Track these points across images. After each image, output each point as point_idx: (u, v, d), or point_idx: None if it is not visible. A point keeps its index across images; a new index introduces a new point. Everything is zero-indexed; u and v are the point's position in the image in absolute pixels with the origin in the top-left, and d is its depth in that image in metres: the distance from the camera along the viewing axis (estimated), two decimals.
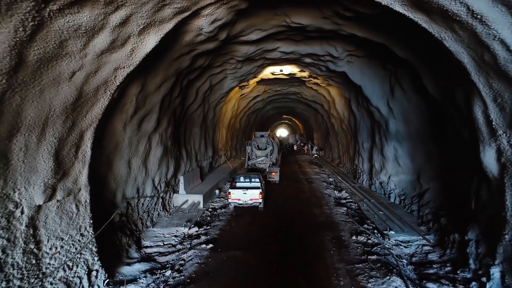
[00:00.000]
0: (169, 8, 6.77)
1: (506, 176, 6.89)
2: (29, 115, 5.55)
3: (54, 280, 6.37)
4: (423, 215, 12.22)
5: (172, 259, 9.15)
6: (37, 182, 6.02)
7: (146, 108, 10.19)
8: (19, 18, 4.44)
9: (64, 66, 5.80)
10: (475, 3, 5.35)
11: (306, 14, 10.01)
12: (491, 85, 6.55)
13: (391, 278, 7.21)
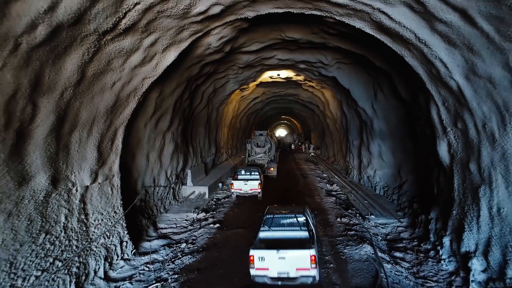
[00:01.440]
0: (187, 31, 8.56)
1: (454, 164, 8.68)
2: (83, 116, 7.32)
3: (97, 244, 8.13)
4: (401, 203, 14.02)
5: (185, 236, 10.92)
6: (86, 167, 7.79)
7: (162, 109, 11.97)
8: (86, 46, 6.22)
9: (108, 78, 7.58)
10: (419, 32, 7.15)
11: (298, 30, 11.80)
12: (440, 92, 8.34)
13: (363, 246, 9.00)
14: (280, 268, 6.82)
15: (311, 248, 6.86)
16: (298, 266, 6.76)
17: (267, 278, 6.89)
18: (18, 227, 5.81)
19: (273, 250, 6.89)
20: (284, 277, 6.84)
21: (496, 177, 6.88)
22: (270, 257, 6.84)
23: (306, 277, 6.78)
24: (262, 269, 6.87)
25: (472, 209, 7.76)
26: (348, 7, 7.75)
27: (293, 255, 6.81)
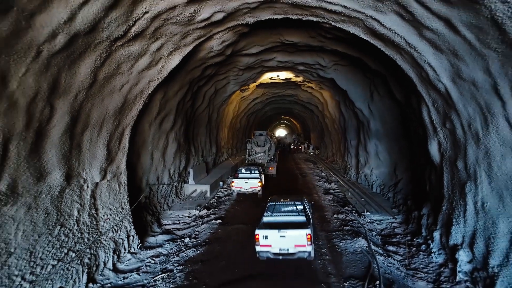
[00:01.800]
0: (191, 36, 9.04)
1: (444, 162, 9.16)
2: (94, 117, 7.81)
3: (106, 238, 8.61)
4: (396, 200, 14.51)
5: (188, 232, 11.40)
6: (96, 165, 8.27)
7: (166, 110, 12.45)
8: (98, 52, 6.71)
9: (117, 81, 8.06)
10: (409, 38, 7.63)
11: (296, 34, 12.29)
12: (430, 94, 8.83)
13: (357, 239, 9.48)
14: (281, 245, 7.95)
15: (307, 228, 7.99)
16: (296, 243, 7.87)
17: (270, 254, 8.04)
18: (36, 219, 6.29)
19: (275, 230, 8.00)
20: (284, 253, 7.95)
21: (480, 174, 7.36)
22: (272, 236, 7.96)
23: (303, 252, 7.91)
24: (265, 246, 8.03)
25: (459, 204, 8.25)
26: (343, 14, 8.24)
27: (292, 234, 7.91)
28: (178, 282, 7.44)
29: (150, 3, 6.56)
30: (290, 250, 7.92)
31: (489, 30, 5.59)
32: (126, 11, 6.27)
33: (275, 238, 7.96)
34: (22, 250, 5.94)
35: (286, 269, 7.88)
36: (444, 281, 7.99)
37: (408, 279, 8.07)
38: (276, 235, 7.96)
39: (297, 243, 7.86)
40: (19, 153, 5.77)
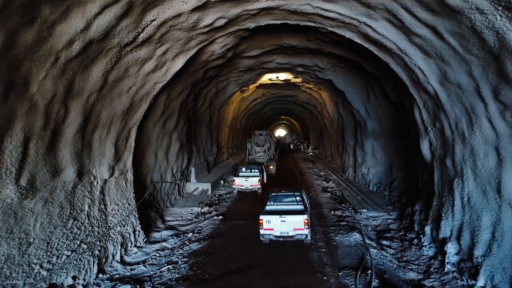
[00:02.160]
0: (194, 41, 9.53)
1: (434, 160, 9.66)
2: (103, 117, 8.29)
3: (114, 232, 9.09)
4: (392, 198, 15.00)
5: (191, 227, 11.89)
6: (105, 163, 8.76)
7: (169, 111, 12.94)
8: (109, 57, 7.19)
9: (125, 84, 8.55)
10: (400, 43, 8.12)
11: (295, 37, 12.78)
12: (421, 96, 9.32)
13: (353, 234, 9.97)
14: (282, 229, 9.10)
15: (305, 214, 9.19)
16: (295, 227, 9.04)
17: (272, 236, 9.21)
18: (52, 213, 6.78)
19: (277, 215, 9.15)
20: (285, 235, 9.13)
21: (467, 171, 7.85)
22: (274, 221, 9.14)
23: (301, 235, 9.08)
24: (268, 229, 9.19)
25: (448, 200, 8.74)
26: (338, 20, 8.73)
27: (291, 219, 9.07)
28: (183, 272, 7.92)
29: (157, 12, 7.05)
30: (290, 233, 9.05)
31: (470, 37, 6.08)
32: (136, 19, 6.76)
33: (276, 222, 9.09)
34: (40, 241, 6.43)
35: (284, 261, 8.37)
36: (434, 272, 8.48)
37: (400, 270, 8.56)
38: (278, 220, 9.09)
39: (296, 227, 9.00)
40: (38, 151, 6.26)
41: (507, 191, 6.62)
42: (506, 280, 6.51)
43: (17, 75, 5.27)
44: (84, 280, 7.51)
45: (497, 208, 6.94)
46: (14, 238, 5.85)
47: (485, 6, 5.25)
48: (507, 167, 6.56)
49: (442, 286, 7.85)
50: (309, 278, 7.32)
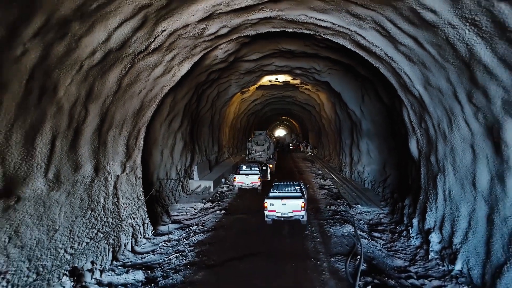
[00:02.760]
0: (199, 47, 10.31)
1: (421, 158, 10.45)
2: (117, 118, 9.07)
3: (126, 223, 9.88)
4: (385, 194, 15.80)
5: (195, 221, 12.66)
6: (117, 160, 9.54)
7: (174, 112, 13.72)
8: (124, 64, 7.98)
9: (136, 87, 9.33)
10: (387, 50, 8.91)
11: (292, 43, 13.57)
12: (408, 98, 10.11)
13: (346, 226, 10.77)
14: (282, 210, 10.91)
15: (302, 199, 10.92)
16: (294, 209, 10.84)
17: (275, 216, 11.02)
18: (74, 204, 7.56)
19: (279, 199, 10.93)
20: (285, 216, 10.92)
21: (447, 167, 8.64)
22: (276, 204, 10.94)
23: (298, 215, 10.87)
24: (271, 211, 11.01)
25: (432, 194, 9.53)
26: (331, 29, 9.52)
27: (291, 202, 10.86)
28: (190, 259, 8.71)
29: (168, 23, 7.83)
30: (289, 214, 10.86)
31: (446, 48, 6.87)
32: (149, 31, 7.55)
33: (278, 205, 10.91)
34: (64, 228, 7.21)
35: (282, 249, 9.16)
36: (419, 260, 9.26)
37: (388, 258, 9.35)
38: (279, 203, 10.89)
39: (294, 209, 10.83)
40: (62, 148, 7.04)
41: (480, 184, 7.41)
42: (479, 263, 7.30)
43: (49, 82, 6.06)
44: (101, 266, 8.29)
45: (472, 199, 7.73)
46: (43, 225, 6.63)
47: (455, 22, 6.04)
48: (481, 163, 7.35)
49: (426, 271, 8.63)
50: (304, 263, 8.11)
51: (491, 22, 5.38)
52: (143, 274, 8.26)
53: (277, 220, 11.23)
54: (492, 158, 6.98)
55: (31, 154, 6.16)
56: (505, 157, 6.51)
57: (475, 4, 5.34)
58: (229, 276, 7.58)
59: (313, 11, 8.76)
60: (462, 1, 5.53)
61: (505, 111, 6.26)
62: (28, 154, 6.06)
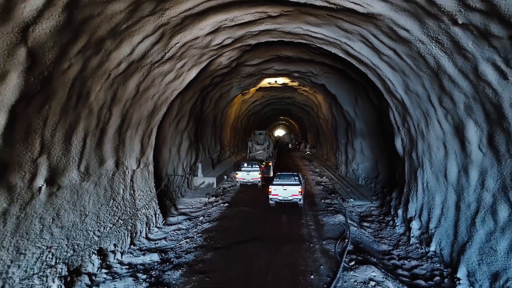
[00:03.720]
0: (206, 55, 11.49)
1: (405, 154, 11.63)
2: (133, 119, 10.25)
3: (141, 213, 11.05)
4: (376, 190, 16.99)
5: (201, 213, 13.84)
6: (133, 156, 10.71)
7: (182, 113, 14.90)
8: (142, 72, 9.15)
9: (151, 92, 10.51)
10: (373, 59, 10.10)
11: (290, 49, 14.76)
12: (393, 101, 11.30)
13: (337, 216, 11.96)
14: (284, 195, 13.43)
15: (299, 186, 13.43)
16: (293, 193, 13.34)
17: (277, 199, 13.56)
18: (99, 193, 8.74)
19: (281, 186, 13.44)
20: (286, 199, 13.45)
21: (425, 162, 9.83)
22: (279, 189, 13.46)
23: (296, 199, 13.37)
24: (274, 195, 13.54)
25: (414, 186, 10.72)
26: (324, 39, 10.71)
27: (290, 188, 13.37)
28: (198, 243, 9.89)
29: (180, 37, 9.01)
30: (289, 198, 13.39)
31: (419, 59, 8.06)
32: (164, 44, 8.73)
33: (280, 190, 13.44)
34: (92, 214, 8.39)
35: (281, 235, 10.34)
36: (401, 245, 10.45)
37: (374, 244, 10.53)
38: (281, 189, 13.42)
39: (293, 193, 13.33)
40: (91, 145, 8.22)
41: (450, 176, 8.60)
42: (448, 244, 8.48)
43: (84, 89, 7.24)
44: (121, 248, 9.46)
45: (445, 189, 8.92)
46: (77, 210, 7.81)
47: (424, 39, 7.23)
48: (450, 158, 8.55)
49: (406, 254, 9.82)
50: (299, 246, 9.30)
51: (450, 40, 6.58)
52: (158, 256, 9.44)
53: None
54: (459, 153, 8.18)
55: (68, 149, 7.34)
56: (468, 152, 7.71)
57: (437, 26, 6.53)
58: (234, 256, 8.76)
59: (307, 24, 9.94)
60: (427, 23, 6.71)
61: (467, 113, 7.45)
62: (66, 149, 7.25)
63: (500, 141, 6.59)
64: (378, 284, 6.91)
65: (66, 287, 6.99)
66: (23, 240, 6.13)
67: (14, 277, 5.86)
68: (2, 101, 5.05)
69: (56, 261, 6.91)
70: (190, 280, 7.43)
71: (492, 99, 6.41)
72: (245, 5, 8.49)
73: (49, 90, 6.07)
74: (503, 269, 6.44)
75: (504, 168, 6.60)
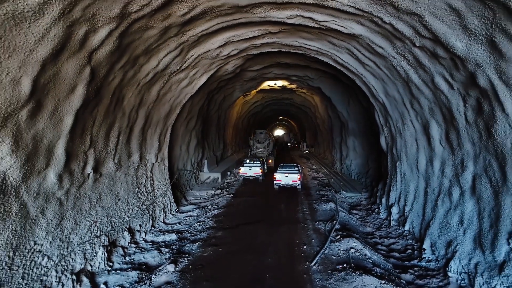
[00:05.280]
0: (215, 64, 13.22)
1: (388, 150, 13.37)
2: (153, 119, 11.97)
3: (159, 201, 12.77)
4: (367, 183, 18.74)
5: (209, 203, 15.57)
6: (152, 152, 12.44)
7: (191, 114, 16.63)
8: (163, 80, 10.88)
9: (168, 96, 12.24)
10: (358, 68, 11.83)
11: (288, 57, 16.49)
12: (377, 104, 13.03)
13: (329, 203, 13.70)
14: (285, 181, 16.85)
15: (298, 173, 16.75)
16: (293, 180, 16.76)
17: (280, 184, 16.93)
18: (128, 181, 10.46)
19: (283, 174, 16.79)
20: (287, 184, 16.86)
21: (402, 156, 11.57)
22: (282, 176, 16.92)
23: (296, 184, 16.74)
24: (278, 181, 16.95)
25: (394, 177, 12.46)
26: (317, 51, 12.44)
27: (291, 175, 16.82)
28: (209, 225, 11.61)
29: (195, 50, 10.74)
30: (290, 183, 16.84)
31: (393, 70, 9.79)
32: (183, 56, 10.46)
33: (283, 177, 16.91)
34: (123, 198, 10.11)
35: (280, 218, 12.07)
36: (383, 227, 12.19)
37: (360, 226, 12.27)
38: (284, 175, 16.91)
39: (293, 179, 16.77)
40: (122, 141, 9.94)
41: (421, 166, 10.34)
42: (418, 223, 10.22)
43: (120, 95, 8.96)
44: (145, 229, 11.18)
45: (417, 178, 10.67)
46: (112, 194, 9.53)
47: (395, 55, 8.97)
48: (421, 151, 10.29)
49: (386, 234, 11.55)
50: (295, 226, 11.04)
51: (413, 57, 8.32)
52: (176, 235, 11.17)
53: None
54: (426, 148, 9.92)
55: (107, 144, 9.07)
56: (433, 146, 9.45)
57: (402, 46, 8.27)
58: (241, 234, 10.49)
59: (302, 39, 11.67)
60: (396, 43, 8.45)
61: (431, 115, 9.19)
62: (106, 144, 8.97)
63: (453, 137, 8.34)
64: (357, 251, 8.65)
65: (108, 254, 8.71)
66: (78, 214, 7.86)
67: (74, 242, 7.58)
68: (71, 106, 6.78)
69: (100, 233, 8.64)
70: (206, 250, 9.16)
71: (446, 104, 8.16)
72: (250, 25, 10.21)
73: (98, 97, 7.80)
74: (454, 238, 8.19)
75: (456, 158, 8.34)
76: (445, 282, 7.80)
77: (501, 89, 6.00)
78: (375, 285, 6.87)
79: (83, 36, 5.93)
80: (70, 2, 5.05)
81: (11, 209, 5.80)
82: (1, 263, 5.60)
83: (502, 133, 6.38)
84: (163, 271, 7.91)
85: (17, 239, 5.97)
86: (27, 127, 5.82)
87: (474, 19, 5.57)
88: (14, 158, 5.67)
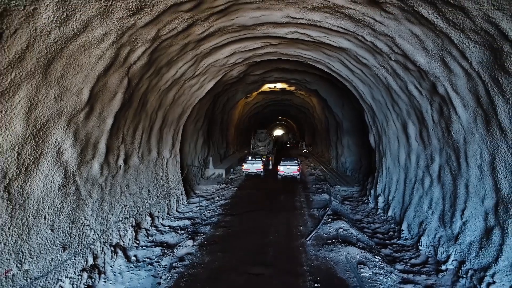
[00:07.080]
0: (222, 71, 14.87)
1: (376, 147, 15.03)
2: (169, 120, 13.61)
3: (172, 192, 14.41)
4: (359, 178, 20.40)
5: (216, 195, 17.22)
6: (167, 148, 14.08)
7: (199, 115, 18.27)
8: (178, 86, 12.52)
9: (181, 99, 13.88)
10: (348, 75, 13.48)
11: (287, 64, 18.15)
12: (366, 106, 14.69)
13: (324, 195, 15.37)
14: (287, 172, 20.39)
15: (298, 165, 20.17)
16: (293, 171, 20.27)
17: (283, 175, 20.46)
18: (148, 173, 12.11)
19: (285, 166, 20.04)
20: (288, 174, 20.37)
21: (387, 151, 13.23)
22: (284, 168, 20.47)
23: (296, 174, 20.31)
24: (281, 172, 20.44)
25: (381, 171, 14.12)
26: (313, 59, 14.09)
27: (292, 167, 20.41)
28: (218, 212, 13.25)
29: (206, 60, 12.38)
30: (291, 174, 20.14)
31: (377, 78, 11.45)
32: (196, 66, 12.11)
33: (285, 169, 20.25)
34: (145, 187, 11.75)
35: (279, 206, 13.72)
36: (371, 215, 13.84)
37: (351, 214, 13.93)
38: (286, 167, 20.24)
39: (294, 171, 20.09)
40: (145, 138, 11.59)
41: (401, 160, 11.99)
42: (398, 209, 11.88)
43: (145, 100, 10.60)
44: (162, 215, 12.82)
45: (398, 171, 12.32)
46: (137, 184, 11.17)
47: (377, 65, 10.62)
48: (401, 147, 11.94)
49: (373, 220, 13.21)
50: (293, 212, 12.69)
51: (391, 68, 9.97)
52: (189, 221, 12.82)
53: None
54: (405, 144, 11.58)
55: (133, 141, 10.71)
56: (410, 143, 11.11)
57: (382, 59, 9.92)
58: (246, 219, 12.14)
59: (299, 49, 13.32)
60: (377, 56, 10.11)
61: (408, 116, 10.85)
62: (132, 141, 10.61)
63: (424, 134, 10.00)
64: (345, 230, 10.31)
65: (135, 233, 10.35)
66: (113, 198, 9.50)
67: (110, 220, 9.22)
68: (112, 109, 8.42)
69: (128, 215, 10.28)
70: (218, 231, 10.81)
71: (418, 107, 9.81)
72: (254, 38, 11.86)
73: (130, 102, 9.44)
74: (425, 218, 9.84)
75: (427, 152, 10.00)
76: (416, 255, 9.46)
77: (454, 97, 7.66)
78: (357, 253, 8.53)
79: (126, 55, 7.58)
80: (122, 32, 6.69)
81: (70, 190, 7.43)
82: (64, 231, 7.24)
83: (457, 131, 8.04)
84: (184, 245, 9.57)
85: (74, 214, 7.61)
86: (82, 126, 7.46)
87: (430, 43, 7.23)
88: (73, 150, 7.31)
